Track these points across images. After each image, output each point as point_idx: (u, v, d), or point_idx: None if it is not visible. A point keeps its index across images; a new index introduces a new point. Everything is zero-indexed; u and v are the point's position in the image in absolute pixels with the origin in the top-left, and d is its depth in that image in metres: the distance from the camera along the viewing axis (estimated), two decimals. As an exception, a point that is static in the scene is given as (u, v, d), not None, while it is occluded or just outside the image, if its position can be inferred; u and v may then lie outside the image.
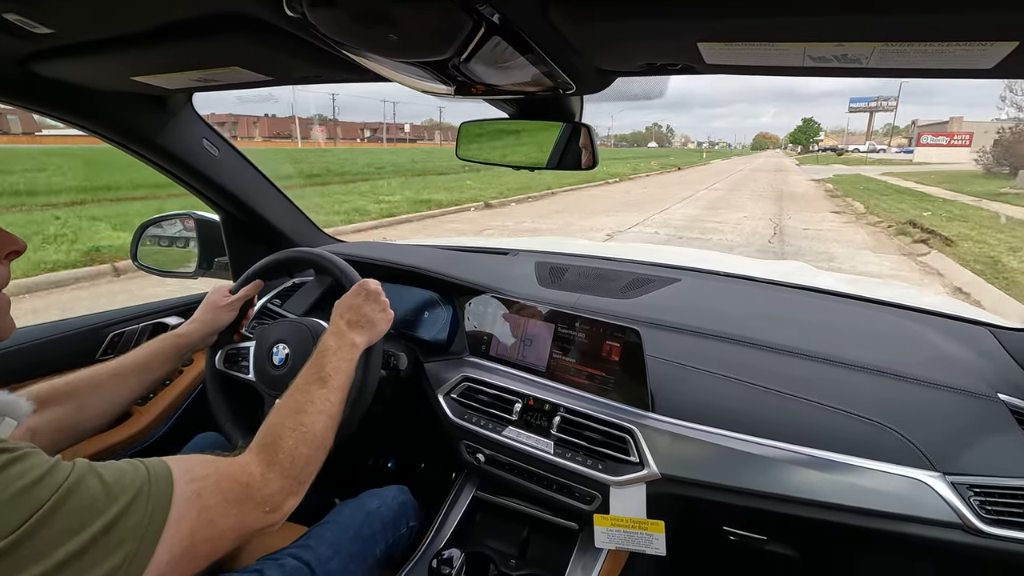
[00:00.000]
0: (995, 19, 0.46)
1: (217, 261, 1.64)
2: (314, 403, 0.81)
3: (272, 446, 0.72)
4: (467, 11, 0.56)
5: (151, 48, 0.80)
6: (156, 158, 1.32)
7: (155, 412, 1.45)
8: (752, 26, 0.54)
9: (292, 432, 0.75)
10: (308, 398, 0.82)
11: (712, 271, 1.55)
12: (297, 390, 0.83)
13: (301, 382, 0.85)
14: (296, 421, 0.77)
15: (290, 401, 0.81)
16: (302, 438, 0.75)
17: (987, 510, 0.84)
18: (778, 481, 0.93)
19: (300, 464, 0.73)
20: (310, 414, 0.79)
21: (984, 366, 1.07)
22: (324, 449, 0.79)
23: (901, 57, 0.56)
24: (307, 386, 0.84)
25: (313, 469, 0.76)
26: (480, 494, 1.24)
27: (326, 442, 0.80)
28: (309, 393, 0.83)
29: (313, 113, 37.80)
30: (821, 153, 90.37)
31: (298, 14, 0.59)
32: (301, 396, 0.82)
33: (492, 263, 1.56)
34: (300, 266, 1.42)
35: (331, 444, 0.81)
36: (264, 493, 0.67)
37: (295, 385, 0.84)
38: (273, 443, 0.73)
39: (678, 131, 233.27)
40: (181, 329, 1.10)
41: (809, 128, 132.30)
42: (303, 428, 0.76)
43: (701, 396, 1.04)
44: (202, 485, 0.61)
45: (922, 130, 59.75)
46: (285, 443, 0.73)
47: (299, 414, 0.78)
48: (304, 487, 0.73)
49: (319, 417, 0.80)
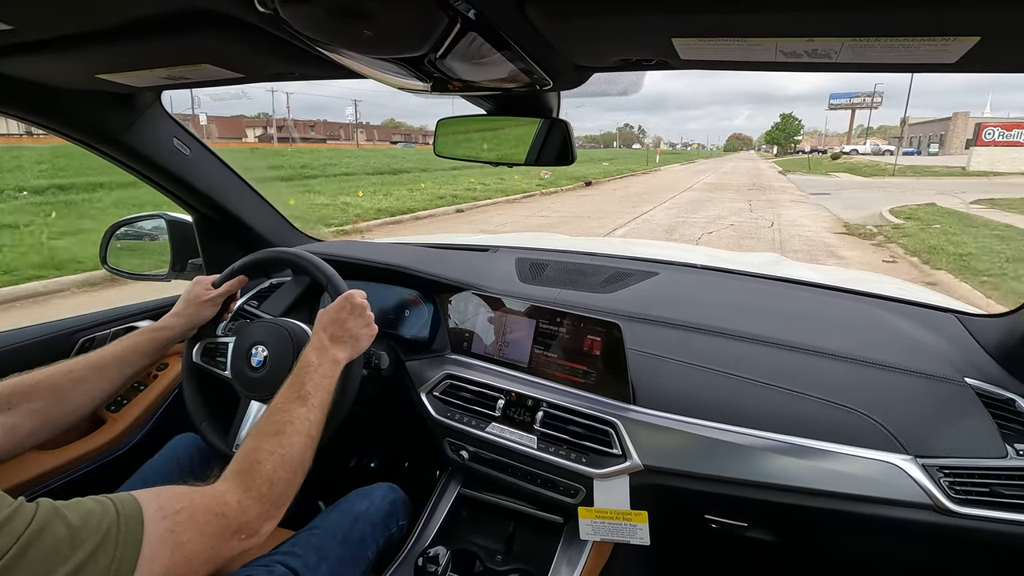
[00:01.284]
0: (956, 16, 0.48)
1: (191, 263, 1.61)
2: (293, 423, 0.78)
3: (249, 471, 0.69)
4: (442, 7, 0.56)
5: (116, 45, 0.77)
6: (124, 158, 1.29)
7: (130, 418, 1.41)
8: (725, 22, 0.55)
9: (270, 456, 0.72)
10: (287, 418, 0.79)
11: (690, 264, 1.58)
12: (276, 409, 0.80)
13: (280, 401, 0.82)
14: (275, 443, 0.74)
15: (269, 423, 0.78)
16: (280, 461, 0.72)
17: (956, 490, 0.87)
18: (757, 469, 0.95)
19: (279, 489, 0.70)
20: (289, 435, 0.76)
21: (951, 351, 1.11)
22: (303, 471, 0.76)
23: (869, 52, 0.57)
24: (287, 405, 0.81)
25: (291, 492, 0.73)
26: (465, 491, 1.24)
27: (305, 464, 0.77)
28: (289, 412, 0.80)
29: (189, 109, 28.96)
30: (805, 156, 69.40)
31: (270, 10, 0.57)
32: (280, 416, 0.79)
33: (472, 260, 1.56)
34: (285, 267, 1.39)
35: (310, 465, 0.78)
36: (241, 521, 0.64)
37: (274, 404, 0.82)
38: (250, 468, 0.70)
39: (651, 131, 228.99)
40: (161, 322, 1.07)
41: (788, 125, 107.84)
42: (281, 451, 0.74)
43: (681, 387, 1.06)
44: (175, 522, 0.58)
45: (985, 121, 37.15)
46: (263, 467, 0.70)
47: (278, 436, 0.75)
48: (282, 510, 0.71)
49: (298, 438, 0.77)
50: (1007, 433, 0.92)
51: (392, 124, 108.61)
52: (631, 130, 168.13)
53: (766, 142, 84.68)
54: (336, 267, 1.09)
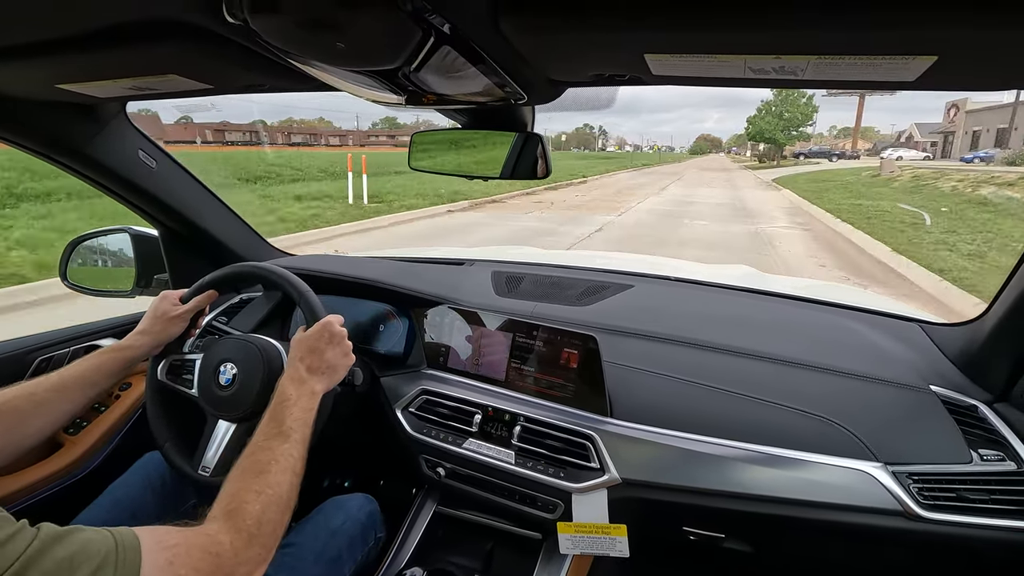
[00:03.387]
0: (915, 36, 0.50)
1: (156, 278, 1.56)
2: (278, 461, 0.76)
3: (238, 512, 0.67)
4: (416, 20, 0.56)
5: (78, 54, 0.75)
6: (87, 171, 1.25)
7: (90, 441, 1.35)
8: (696, 39, 0.56)
9: (257, 496, 0.70)
10: (271, 456, 0.76)
11: (664, 276, 1.59)
12: (259, 448, 0.78)
13: (261, 439, 0.79)
14: (261, 483, 0.72)
15: (251, 462, 0.76)
16: (268, 501, 0.70)
17: (925, 496, 0.89)
18: (733, 479, 0.95)
19: (268, 530, 0.68)
20: (274, 473, 0.74)
21: (917, 360, 1.14)
22: (289, 510, 0.74)
23: (833, 69, 0.59)
24: (268, 442, 0.79)
25: (280, 533, 0.71)
26: (442, 509, 1.22)
27: (291, 502, 0.75)
28: (271, 451, 0.77)
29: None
30: (802, 159, 47.91)
31: (239, 20, 0.56)
32: (263, 456, 0.77)
33: (448, 274, 1.55)
34: (257, 282, 1.36)
35: (296, 502, 0.76)
36: (234, 562, 0.63)
37: (255, 443, 0.79)
38: (239, 509, 0.68)
39: (624, 134, 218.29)
40: (126, 340, 1.03)
41: (793, 109, 46.31)
42: (268, 491, 0.71)
43: (657, 399, 1.06)
44: (174, 554, 0.57)
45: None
46: (252, 508, 0.68)
47: (263, 475, 0.73)
48: (272, 552, 0.69)
49: (284, 476, 0.75)
50: (971, 439, 0.95)
51: (289, 122, 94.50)
52: (591, 131, 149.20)
53: (749, 138, 54.01)
54: (309, 281, 1.07)
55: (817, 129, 55.77)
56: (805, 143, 52.56)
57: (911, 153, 46.00)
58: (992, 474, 0.90)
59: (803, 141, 47.38)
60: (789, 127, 45.45)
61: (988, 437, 0.96)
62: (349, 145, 76.90)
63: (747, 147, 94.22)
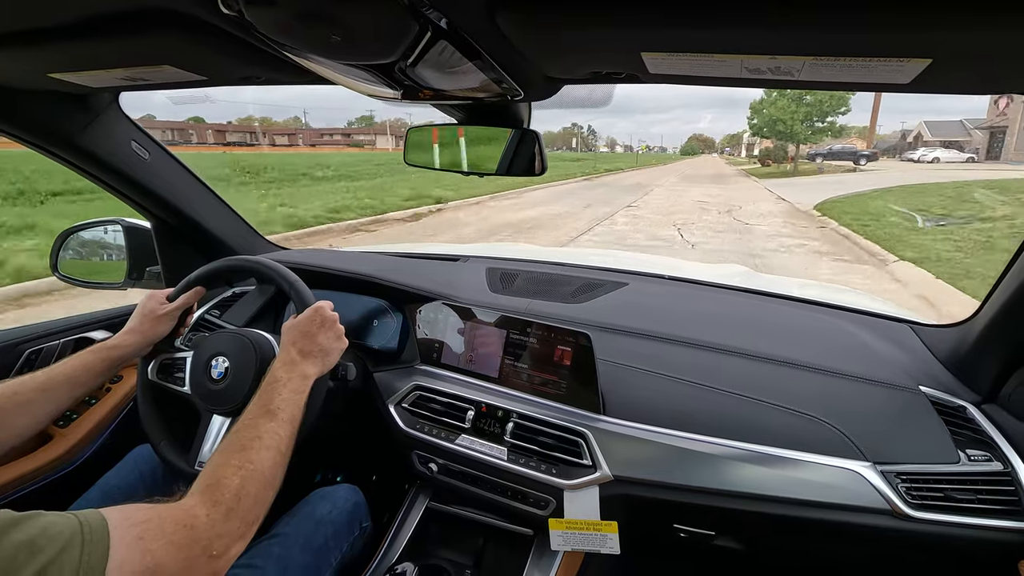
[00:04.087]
0: (910, 39, 0.50)
1: (149, 271, 1.55)
2: (261, 438, 0.75)
3: (217, 486, 0.67)
4: (413, 14, 0.56)
5: (71, 43, 0.74)
6: (78, 161, 1.23)
7: (79, 434, 1.34)
8: (692, 38, 0.56)
9: (238, 470, 0.69)
10: (255, 433, 0.76)
11: (658, 275, 1.60)
12: (244, 426, 0.78)
13: (247, 417, 0.79)
14: (242, 458, 0.71)
15: (236, 438, 0.75)
16: (249, 476, 0.70)
17: (913, 495, 0.90)
18: (724, 477, 0.96)
19: (248, 504, 0.68)
20: (257, 450, 0.73)
21: (907, 361, 1.15)
22: (273, 488, 0.74)
23: (828, 71, 0.59)
24: (254, 420, 0.78)
25: (262, 510, 0.71)
26: (434, 504, 1.22)
27: (275, 480, 0.74)
28: (256, 428, 0.77)
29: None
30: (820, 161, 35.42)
31: (235, 12, 0.56)
32: (248, 432, 0.76)
33: (442, 269, 1.55)
34: (247, 276, 1.35)
35: (280, 482, 0.76)
36: (211, 535, 0.62)
37: (241, 421, 0.79)
38: (218, 483, 0.67)
39: (605, 133, 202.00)
40: (114, 340, 1.02)
41: (818, 99, 25.90)
42: (250, 465, 0.71)
43: (650, 397, 1.07)
44: (144, 529, 0.56)
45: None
46: (231, 482, 0.68)
47: (245, 451, 0.73)
48: (252, 529, 0.68)
49: (267, 453, 0.74)
50: (959, 439, 0.96)
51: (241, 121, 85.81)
52: (580, 131, 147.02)
53: (755, 133, 31.52)
54: (302, 276, 1.06)
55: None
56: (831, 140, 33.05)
57: (949, 154, 37.60)
58: (979, 474, 0.91)
59: (832, 137, 29.33)
60: (813, 115, 27.43)
61: (976, 438, 0.97)
62: (299, 145, 70.34)
63: (742, 146, 76.70)
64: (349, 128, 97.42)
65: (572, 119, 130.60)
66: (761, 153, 40.95)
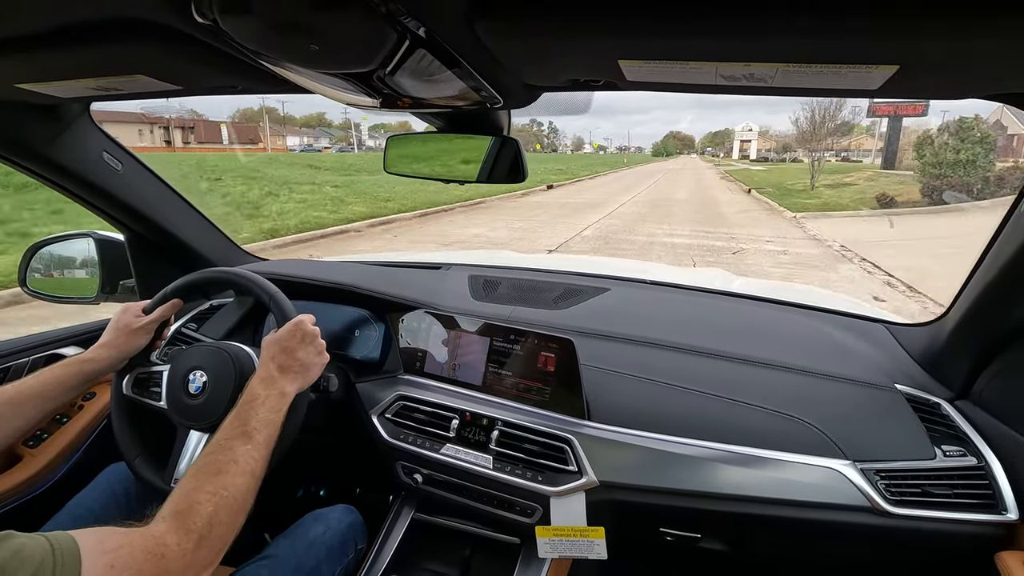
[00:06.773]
0: (878, 46, 0.52)
1: (122, 284, 1.51)
2: (236, 462, 0.73)
3: (188, 512, 0.65)
4: (391, 23, 0.55)
5: (40, 53, 0.72)
6: (48, 174, 1.20)
7: (50, 454, 1.30)
8: (668, 46, 0.57)
9: (211, 497, 0.68)
10: (230, 457, 0.74)
11: (639, 280, 1.61)
12: (219, 447, 0.75)
13: (223, 437, 0.77)
14: (216, 484, 0.69)
15: (209, 461, 0.73)
16: (222, 503, 0.68)
17: (891, 492, 0.92)
18: (708, 479, 0.96)
19: (219, 532, 0.66)
20: (231, 475, 0.72)
21: (882, 360, 1.17)
22: (244, 513, 0.72)
23: (801, 77, 0.61)
24: (229, 442, 0.76)
25: (230, 537, 0.69)
26: (419, 516, 1.21)
27: (246, 505, 0.73)
28: (232, 451, 0.75)
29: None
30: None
31: (209, 21, 0.55)
32: (222, 455, 0.74)
33: (424, 278, 1.54)
34: (225, 288, 1.32)
35: (251, 506, 0.74)
36: (181, 565, 0.61)
37: (216, 441, 0.77)
38: (190, 509, 0.65)
39: (569, 131, 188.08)
40: (88, 354, 0.99)
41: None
42: (223, 492, 0.69)
43: (633, 402, 1.07)
44: (115, 556, 0.55)
45: None
46: (204, 508, 0.66)
47: (219, 475, 0.71)
48: (219, 557, 0.67)
49: (241, 479, 0.72)
50: (934, 435, 0.98)
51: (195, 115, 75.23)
52: (540, 130, 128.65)
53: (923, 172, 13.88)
54: (281, 287, 1.05)
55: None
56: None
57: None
58: (954, 469, 0.93)
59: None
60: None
61: (950, 433, 0.99)
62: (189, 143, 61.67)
63: (733, 147, 67.34)
64: (249, 122, 77.19)
65: (531, 115, 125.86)
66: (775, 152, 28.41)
